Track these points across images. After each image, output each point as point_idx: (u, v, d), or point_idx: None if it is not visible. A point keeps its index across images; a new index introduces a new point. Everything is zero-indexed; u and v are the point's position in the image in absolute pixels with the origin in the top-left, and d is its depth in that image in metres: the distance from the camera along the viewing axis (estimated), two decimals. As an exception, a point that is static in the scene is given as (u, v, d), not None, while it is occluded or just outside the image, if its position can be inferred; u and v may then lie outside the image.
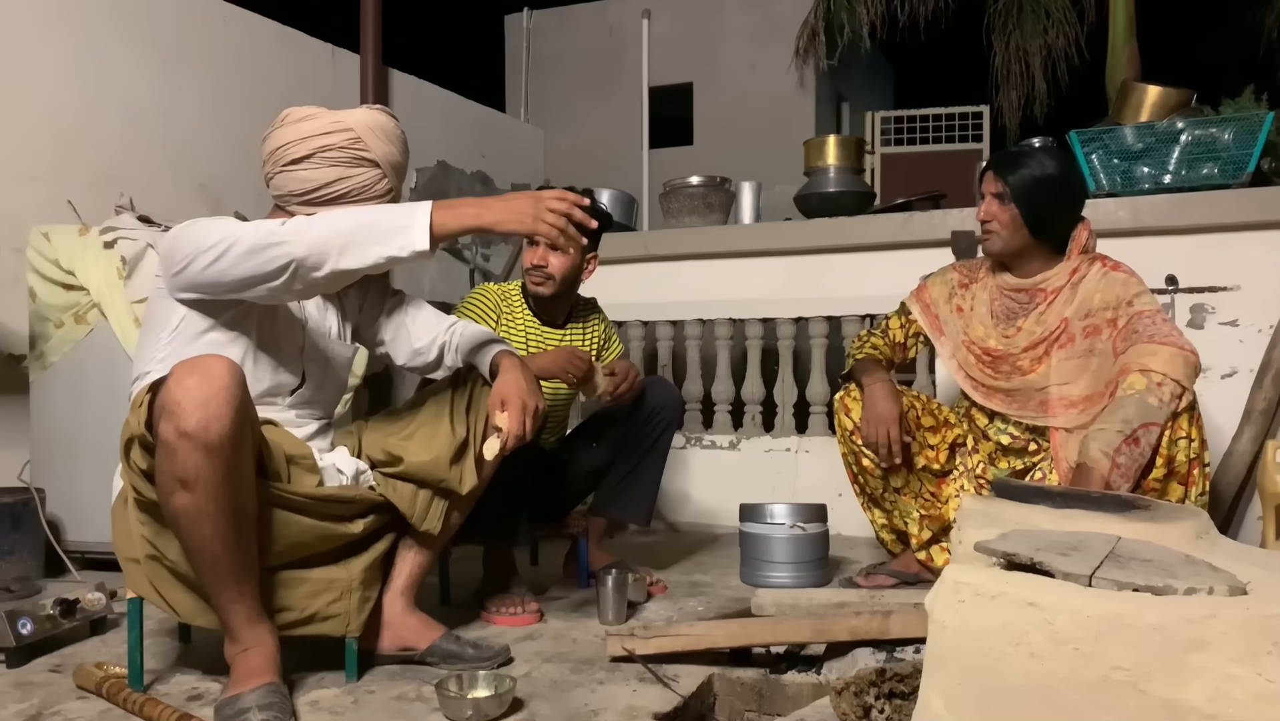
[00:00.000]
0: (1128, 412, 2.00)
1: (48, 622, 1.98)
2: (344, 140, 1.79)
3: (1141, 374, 2.03)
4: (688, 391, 3.84)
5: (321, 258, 1.60)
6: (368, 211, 1.66)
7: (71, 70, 3.49)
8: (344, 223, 1.63)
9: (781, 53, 7.16)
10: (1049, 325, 2.30)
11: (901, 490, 2.43)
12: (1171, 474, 2.05)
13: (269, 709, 1.53)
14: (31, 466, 2.81)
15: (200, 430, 1.47)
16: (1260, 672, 0.89)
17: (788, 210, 4.18)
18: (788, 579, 2.60)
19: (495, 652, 1.89)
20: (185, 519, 1.53)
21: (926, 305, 2.54)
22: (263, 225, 1.66)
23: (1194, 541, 1.25)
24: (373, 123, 1.83)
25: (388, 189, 1.86)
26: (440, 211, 1.61)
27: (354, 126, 1.80)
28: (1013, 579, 1.05)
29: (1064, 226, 2.31)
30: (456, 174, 5.68)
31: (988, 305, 2.41)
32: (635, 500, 2.63)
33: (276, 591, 1.73)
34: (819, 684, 1.74)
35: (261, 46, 4.41)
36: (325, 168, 1.79)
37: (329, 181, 1.80)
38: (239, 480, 1.56)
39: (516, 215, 1.64)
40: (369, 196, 1.83)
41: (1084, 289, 2.28)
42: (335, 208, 1.78)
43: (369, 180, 1.82)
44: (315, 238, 1.61)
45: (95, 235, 2.69)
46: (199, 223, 1.70)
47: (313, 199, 1.80)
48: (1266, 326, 3.06)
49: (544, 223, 1.64)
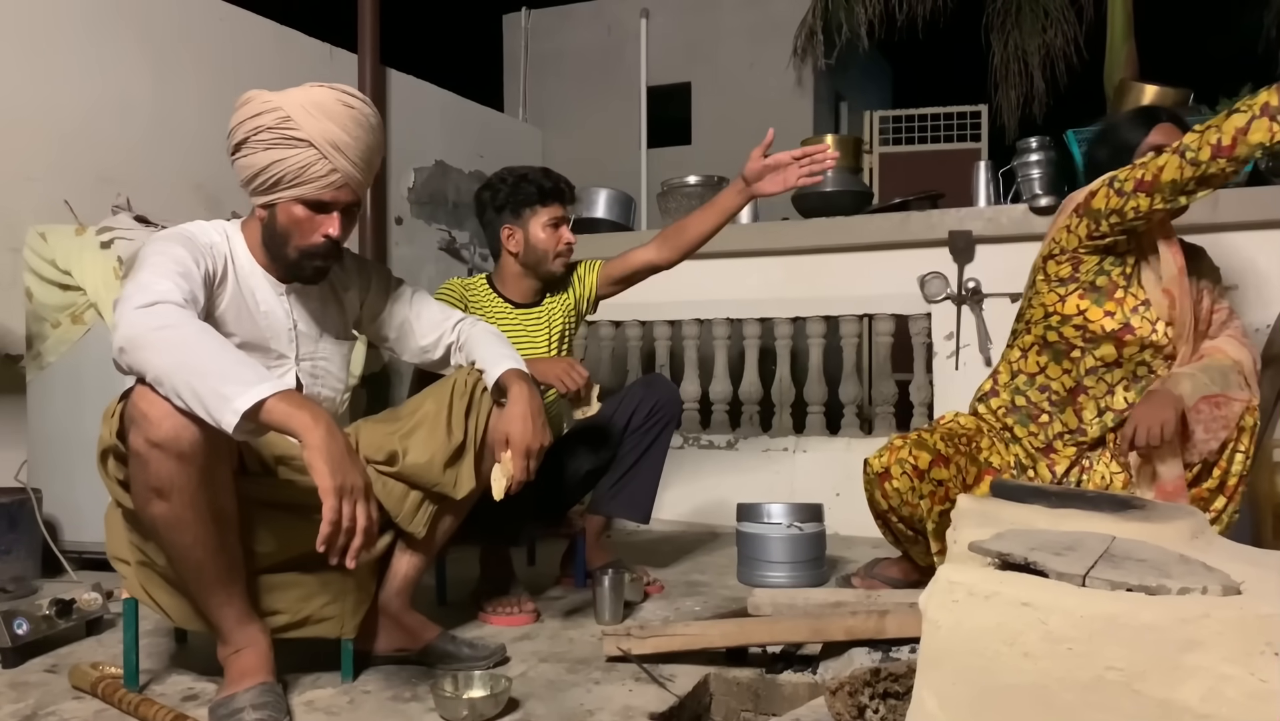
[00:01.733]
0: (1218, 377, 1.99)
1: (44, 623, 1.98)
2: (273, 120, 1.67)
3: (1230, 358, 2.05)
4: (685, 391, 3.84)
5: (137, 365, 1.45)
6: (225, 354, 1.46)
7: (68, 70, 3.48)
8: (194, 347, 1.45)
9: (780, 52, 7.16)
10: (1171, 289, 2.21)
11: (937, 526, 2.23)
12: (1222, 486, 2.03)
13: (263, 708, 1.53)
14: (28, 466, 2.80)
15: (171, 439, 1.44)
16: (1254, 672, 0.88)
17: (785, 210, 4.18)
18: (784, 578, 2.60)
19: (491, 652, 1.89)
20: (164, 527, 1.52)
21: None
22: (152, 289, 1.51)
23: (1189, 541, 1.25)
24: (307, 100, 1.70)
25: (329, 170, 1.69)
26: (281, 403, 1.40)
27: (283, 104, 1.68)
28: (1007, 578, 1.05)
29: None
30: (454, 174, 5.67)
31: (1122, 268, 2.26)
32: (635, 498, 2.63)
33: (270, 594, 1.73)
34: (815, 683, 1.73)
35: (259, 46, 4.40)
36: (259, 152, 1.68)
37: (264, 166, 1.68)
38: (215, 485, 1.54)
39: (326, 463, 1.39)
40: (309, 181, 1.68)
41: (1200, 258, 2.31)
42: (281, 194, 1.69)
43: (303, 161, 1.67)
44: (150, 341, 1.45)
45: (92, 235, 2.69)
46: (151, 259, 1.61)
47: (257, 188, 1.71)
48: (1264, 325, 3.05)
49: (340, 495, 1.40)
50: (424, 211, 5.49)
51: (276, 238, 1.75)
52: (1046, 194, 3.39)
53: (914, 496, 2.16)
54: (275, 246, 1.76)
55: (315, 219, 1.73)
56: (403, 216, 5.29)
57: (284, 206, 1.72)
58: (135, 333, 1.46)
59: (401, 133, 5.19)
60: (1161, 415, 1.96)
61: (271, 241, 1.76)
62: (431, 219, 5.55)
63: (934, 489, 2.15)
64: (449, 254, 5.53)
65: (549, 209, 2.47)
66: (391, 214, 5.11)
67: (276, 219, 1.73)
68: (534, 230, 2.49)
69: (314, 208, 1.72)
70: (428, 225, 5.52)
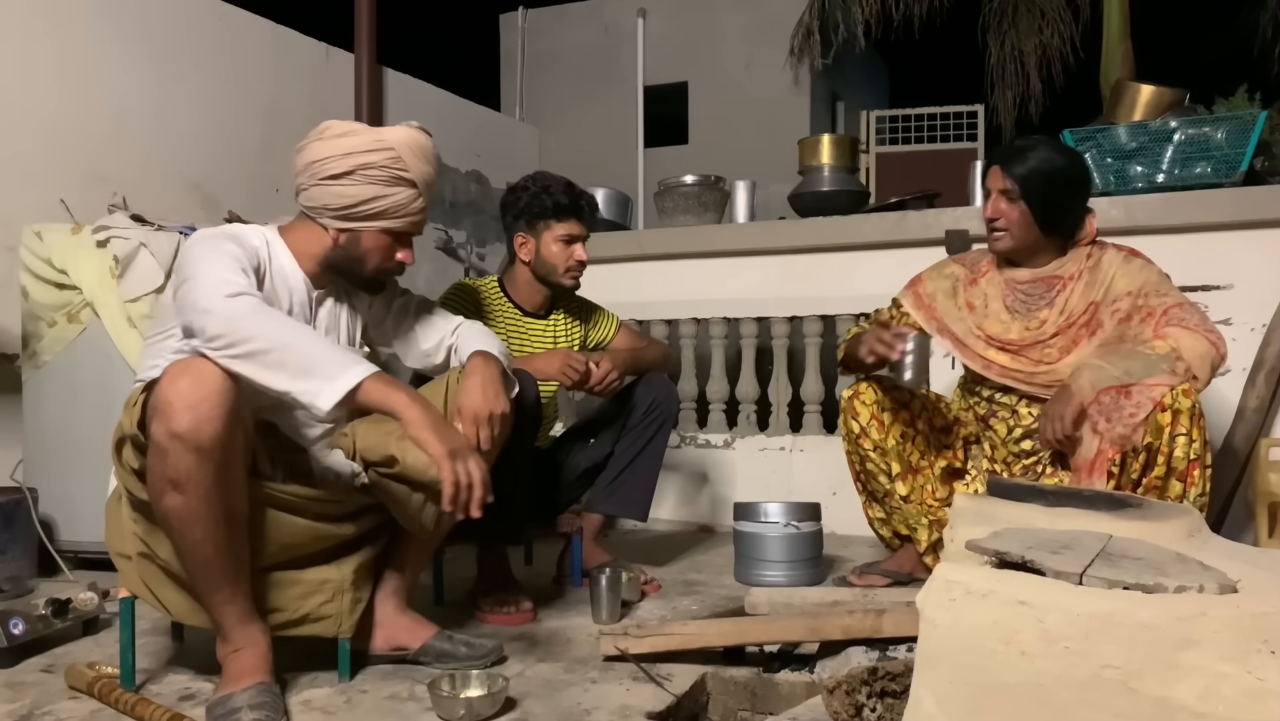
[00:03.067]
0: (1133, 366, 2.00)
1: (40, 622, 1.97)
2: (384, 159, 1.77)
3: (1168, 346, 2.05)
4: (683, 390, 3.84)
5: (240, 344, 1.51)
6: (319, 339, 1.62)
7: (64, 69, 3.48)
8: (285, 334, 1.55)
9: (776, 52, 7.17)
10: (1074, 310, 2.26)
11: (908, 497, 2.38)
12: (1170, 471, 2.04)
13: (260, 708, 1.53)
14: (24, 466, 2.80)
15: (191, 432, 1.47)
16: (1250, 670, 0.89)
17: (782, 209, 4.18)
18: (781, 577, 2.60)
19: (488, 651, 1.89)
20: (176, 520, 1.53)
21: (920, 298, 2.47)
22: (233, 281, 1.60)
23: (1185, 539, 1.25)
24: (413, 142, 1.82)
25: (420, 208, 1.85)
26: (377, 383, 1.54)
27: (395, 145, 1.79)
28: (1004, 577, 1.05)
29: (1073, 219, 2.28)
30: (451, 173, 5.67)
31: (1000, 300, 2.35)
32: (633, 496, 2.63)
33: (268, 592, 1.73)
34: (812, 682, 1.74)
35: (255, 45, 4.40)
36: (363, 185, 1.77)
37: (367, 199, 1.78)
38: (230, 482, 1.56)
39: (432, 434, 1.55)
40: (403, 215, 1.82)
41: (1103, 273, 2.26)
42: (372, 224, 1.80)
43: (404, 200, 1.81)
44: (245, 327, 1.52)
45: (88, 234, 2.68)
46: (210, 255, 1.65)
47: (348, 214, 1.79)
48: (1259, 325, 3.06)
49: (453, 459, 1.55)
50: (421, 211, 5.48)
51: (353, 259, 1.84)
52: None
53: (880, 410, 2.35)
54: (347, 264, 1.84)
55: (395, 246, 1.86)
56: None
57: (370, 234, 1.82)
58: (234, 316, 1.53)
59: (398, 132, 5.18)
60: (1060, 410, 2.05)
61: (345, 260, 1.84)
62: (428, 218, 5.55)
63: (898, 409, 2.38)
64: (446, 253, 5.53)
65: (564, 224, 2.46)
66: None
67: (360, 243, 1.82)
68: (546, 243, 2.49)
69: (396, 236, 1.85)
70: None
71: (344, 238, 1.82)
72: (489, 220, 5.84)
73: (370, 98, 4.86)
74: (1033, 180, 2.20)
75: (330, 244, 1.82)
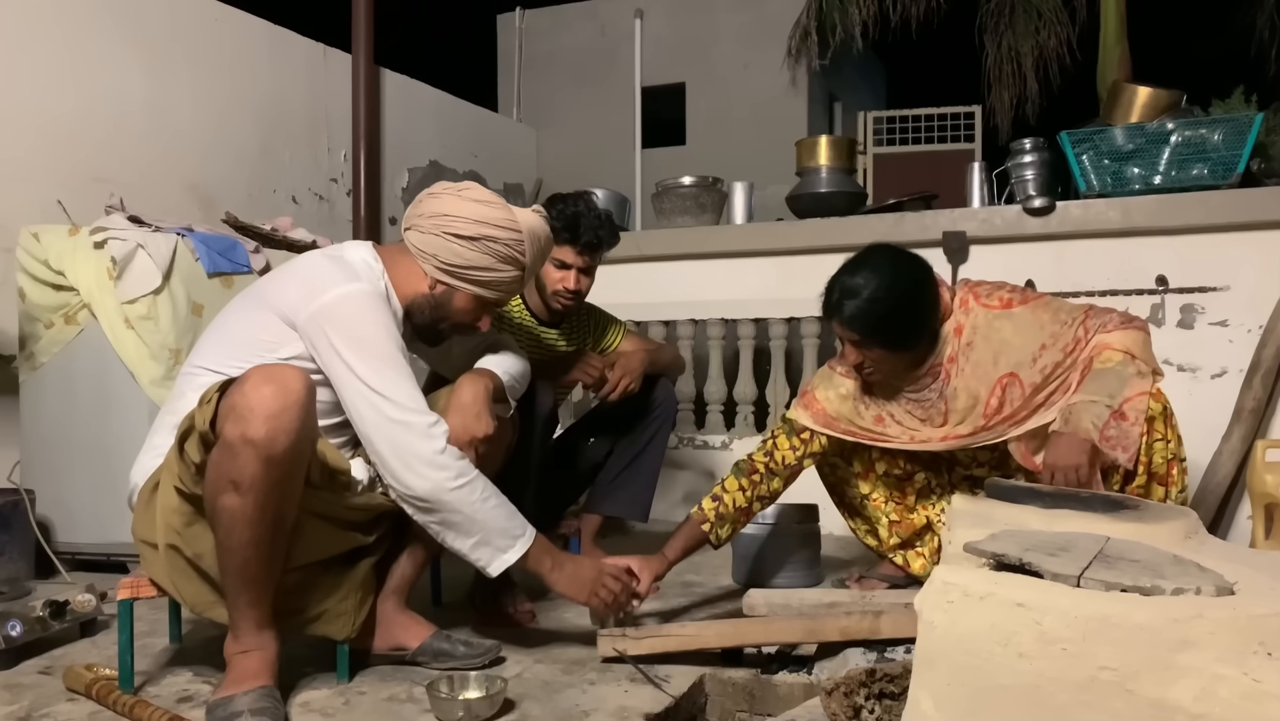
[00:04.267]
0: (1110, 385, 1.93)
1: (37, 624, 1.97)
2: (510, 239, 1.83)
3: (1119, 353, 1.98)
4: (680, 391, 3.83)
5: (431, 513, 1.72)
6: (492, 511, 1.76)
7: (61, 70, 3.47)
8: (475, 509, 1.73)
9: (774, 53, 7.17)
10: (978, 388, 2.10)
11: (871, 495, 2.38)
12: (1151, 477, 2.04)
13: (261, 713, 1.53)
14: (21, 467, 2.80)
15: (267, 440, 1.49)
16: (1247, 672, 0.89)
17: (780, 210, 4.18)
18: (779, 579, 2.60)
19: (486, 651, 1.89)
20: (229, 519, 1.55)
21: (821, 414, 2.26)
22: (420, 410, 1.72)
23: (1183, 541, 1.26)
24: (540, 231, 1.89)
25: (518, 287, 1.95)
26: (537, 549, 1.81)
27: (525, 231, 1.85)
28: (1001, 579, 1.05)
29: (927, 325, 2.11)
30: (449, 174, 5.67)
31: (908, 414, 2.21)
32: (633, 496, 2.63)
33: (290, 592, 1.74)
34: (810, 684, 1.74)
35: (253, 46, 4.39)
36: (482, 254, 1.83)
37: (479, 266, 1.83)
38: (289, 491, 1.59)
39: (576, 586, 1.87)
40: (502, 289, 1.89)
41: (982, 341, 2.10)
42: (470, 287, 1.85)
43: (509, 278, 1.87)
44: (449, 501, 1.71)
45: (85, 235, 2.67)
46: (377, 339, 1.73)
47: (455, 272, 1.84)
48: (1256, 326, 3.07)
49: (597, 598, 1.90)
50: (418, 212, 5.47)
51: (438, 310, 1.89)
52: (1040, 195, 3.40)
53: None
54: (430, 312, 1.89)
55: (480, 313, 1.93)
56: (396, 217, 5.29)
57: (464, 295, 1.87)
58: (442, 491, 1.70)
59: (395, 133, 5.18)
60: (1073, 460, 1.88)
61: (430, 308, 1.88)
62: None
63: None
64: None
65: (561, 250, 2.45)
66: (386, 214, 5.10)
67: (452, 301, 1.88)
68: (545, 266, 2.49)
69: (484, 303, 1.91)
70: (422, 225, 5.50)
71: (440, 290, 1.87)
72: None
73: (368, 98, 4.85)
74: (868, 328, 2.06)
75: (425, 290, 1.87)
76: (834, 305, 2.11)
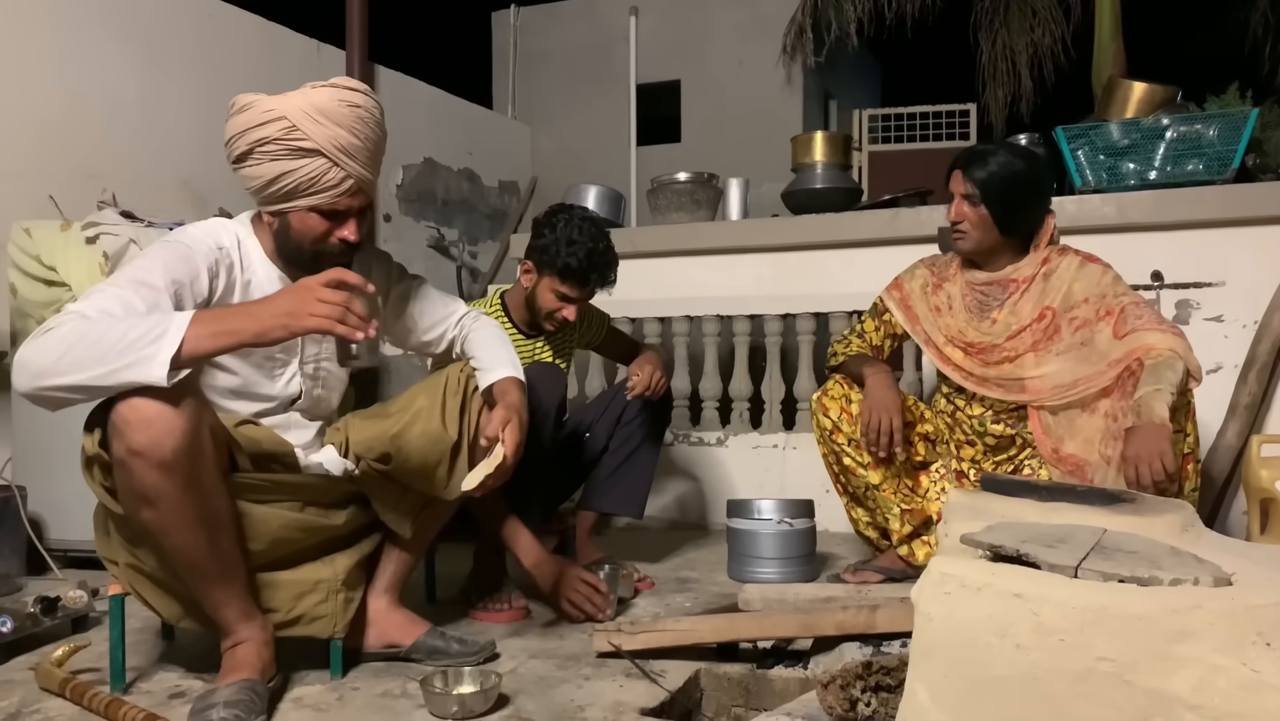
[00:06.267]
0: (1168, 376, 2.00)
1: (29, 620, 1.96)
2: (278, 131, 1.60)
3: (1156, 350, 2.06)
4: (675, 388, 3.83)
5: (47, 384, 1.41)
6: (126, 325, 1.41)
7: (54, 65, 3.46)
8: (88, 332, 1.40)
9: (769, 50, 7.17)
10: (1023, 315, 2.30)
11: (881, 486, 2.41)
12: None
13: (234, 706, 1.51)
14: (13, 464, 2.78)
15: (151, 448, 1.42)
16: (1245, 662, 0.89)
17: (775, 207, 4.18)
18: (775, 574, 2.59)
19: (480, 648, 1.88)
20: (156, 531, 1.52)
21: (903, 299, 2.52)
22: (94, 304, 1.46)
23: (1179, 534, 1.25)
24: (309, 105, 1.62)
25: (341, 178, 1.64)
26: (197, 328, 1.40)
27: (287, 113, 1.60)
28: (999, 570, 1.05)
29: (1032, 222, 2.31)
30: (443, 171, 5.66)
31: (960, 300, 2.42)
32: (628, 492, 2.63)
33: (262, 592, 1.72)
34: (806, 678, 1.73)
35: (246, 42, 4.38)
36: (265, 163, 1.62)
37: (273, 178, 1.63)
38: (202, 489, 1.52)
39: (279, 320, 1.44)
40: (321, 190, 1.64)
41: (1058, 278, 2.30)
42: (293, 204, 1.65)
43: (316, 171, 1.62)
44: (55, 346, 1.40)
45: (77, 231, 2.66)
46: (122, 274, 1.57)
47: (267, 197, 1.66)
48: (1251, 322, 3.07)
49: (314, 317, 1.44)
50: (412, 209, 5.47)
51: (291, 243, 1.71)
52: (1035, 191, 3.39)
53: (847, 404, 2.41)
54: (290, 251, 1.73)
55: (331, 225, 1.69)
56: (390, 214, 5.27)
57: (298, 215, 1.67)
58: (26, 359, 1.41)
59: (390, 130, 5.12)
60: (1156, 447, 1.91)
61: (286, 247, 1.73)
62: (420, 216, 5.53)
63: None
64: (438, 251, 5.51)
65: (565, 285, 2.42)
66: (380, 211, 5.09)
67: (291, 227, 1.69)
68: (544, 288, 2.46)
69: (329, 215, 1.68)
70: (416, 222, 5.50)
71: (277, 223, 1.69)
72: (481, 218, 5.83)
73: (362, 95, 4.84)
74: (992, 184, 2.23)
75: (273, 233, 1.72)
76: (967, 154, 2.32)
